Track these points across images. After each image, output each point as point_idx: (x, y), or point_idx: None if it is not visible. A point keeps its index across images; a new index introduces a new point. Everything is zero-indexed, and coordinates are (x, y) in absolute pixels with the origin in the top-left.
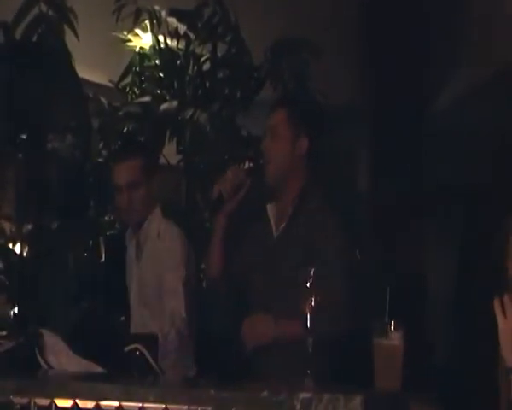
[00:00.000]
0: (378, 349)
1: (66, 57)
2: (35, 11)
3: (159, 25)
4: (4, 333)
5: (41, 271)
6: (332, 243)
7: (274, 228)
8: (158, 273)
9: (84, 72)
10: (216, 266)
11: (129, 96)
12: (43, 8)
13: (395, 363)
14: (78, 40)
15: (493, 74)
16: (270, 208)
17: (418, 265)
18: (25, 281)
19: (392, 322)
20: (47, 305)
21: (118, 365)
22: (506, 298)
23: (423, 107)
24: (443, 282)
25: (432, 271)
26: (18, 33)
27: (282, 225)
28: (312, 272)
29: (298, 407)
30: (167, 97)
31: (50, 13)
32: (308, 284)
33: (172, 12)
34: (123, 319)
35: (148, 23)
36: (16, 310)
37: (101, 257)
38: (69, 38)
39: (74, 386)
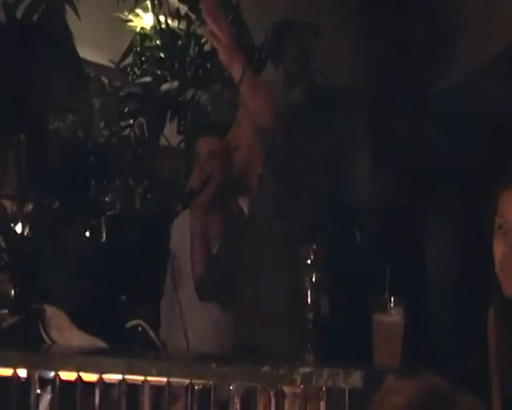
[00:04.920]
0: (378, 325)
1: (67, 37)
2: None
3: (160, 5)
4: (6, 311)
5: (42, 250)
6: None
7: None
8: None
9: (85, 52)
10: (200, 264)
11: (130, 77)
12: None
13: (395, 339)
14: (80, 20)
15: (492, 58)
16: (243, 201)
17: (419, 243)
18: (26, 260)
19: (392, 298)
20: (48, 284)
21: (120, 341)
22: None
23: (423, 89)
24: (443, 260)
25: (432, 249)
26: (19, 13)
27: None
28: (313, 250)
29: (298, 381)
30: (168, 78)
31: None
32: (309, 261)
33: None
34: (124, 297)
35: (149, 3)
36: (18, 289)
37: (102, 237)
38: (70, 18)
39: (78, 359)
